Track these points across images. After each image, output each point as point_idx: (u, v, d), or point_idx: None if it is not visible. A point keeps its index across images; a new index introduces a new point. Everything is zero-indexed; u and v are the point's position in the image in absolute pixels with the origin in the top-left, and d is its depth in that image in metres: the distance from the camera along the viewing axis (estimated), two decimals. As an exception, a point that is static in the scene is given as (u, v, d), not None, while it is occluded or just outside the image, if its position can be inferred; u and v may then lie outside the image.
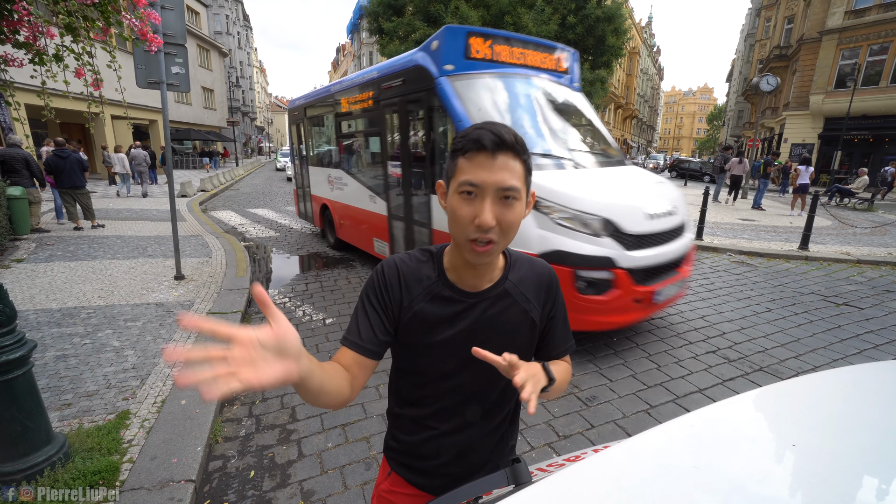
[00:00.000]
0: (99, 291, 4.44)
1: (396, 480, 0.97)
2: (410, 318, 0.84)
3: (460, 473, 0.93)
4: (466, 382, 0.88)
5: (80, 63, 2.51)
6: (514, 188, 0.73)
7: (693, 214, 10.15)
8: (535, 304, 0.90)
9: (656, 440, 0.74)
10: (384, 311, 0.84)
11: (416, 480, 0.95)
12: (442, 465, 0.93)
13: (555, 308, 0.93)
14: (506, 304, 0.87)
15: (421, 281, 0.85)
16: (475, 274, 0.84)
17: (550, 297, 0.92)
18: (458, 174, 0.74)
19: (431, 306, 0.84)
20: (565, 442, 2.46)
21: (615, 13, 13.99)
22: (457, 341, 0.84)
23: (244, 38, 44.46)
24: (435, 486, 0.94)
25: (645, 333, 3.91)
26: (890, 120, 18.42)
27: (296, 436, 2.50)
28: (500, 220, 0.73)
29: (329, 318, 4.17)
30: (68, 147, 7.58)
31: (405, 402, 0.94)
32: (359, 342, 0.82)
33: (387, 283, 0.85)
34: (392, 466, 0.98)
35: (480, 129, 0.73)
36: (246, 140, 43.32)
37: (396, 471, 0.97)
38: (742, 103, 40.34)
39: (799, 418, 0.80)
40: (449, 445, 0.92)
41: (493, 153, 0.71)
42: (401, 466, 0.96)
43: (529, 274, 0.91)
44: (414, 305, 0.84)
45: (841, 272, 5.97)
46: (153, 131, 21.74)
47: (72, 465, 1.99)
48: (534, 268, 0.92)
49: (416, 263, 0.87)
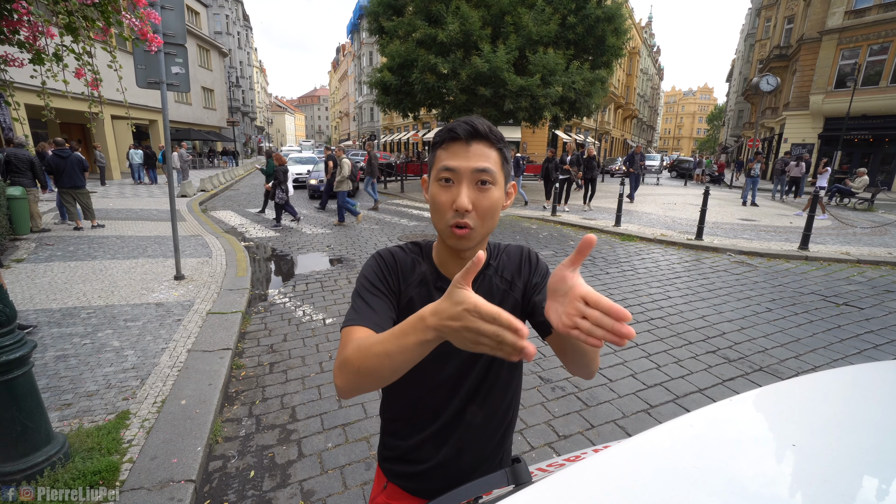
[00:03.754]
0: (99, 291, 4.44)
1: (393, 492, 0.96)
2: (405, 305, 0.87)
3: (457, 474, 0.92)
4: (457, 373, 0.88)
5: (80, 63, 2.51)
6: (489, 170, 0.76)
7: (693, 214, 10.21)
8: (518, 284, 0.91)
9: (656, 440, 0.74)
10: (389, 294, 0.85)
11: (412, 487, 0.94)
12: (438, 466, 0.92)
13: (536, 275, 0.91)
14: (489, 291, 0.89)
15: (414, 270, 0.88)
16: (462, 264, 0.85)
17: (529, 269, 0.92)
18: (437, 163, 0.79)
19: (423, 295, 0.87)
20: (565, 442, 2.46)
21: (615, 13, 13.98)
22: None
23: (244, 38, 44.45)
24: (432, 490, 0.93)
25: (645, 333, 3.91)
26: (890, 120, 18.41)
27: (296, 436, 2.50)
28: (476, 205, 0.76)
29: (329, 318, 4.17)
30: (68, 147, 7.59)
31: (399, 402, 0.94)
32: (378, 321, 0.77)
33: (388, 268, 0.87)
34: (388, 477, 0.97)
35: (456, 122, 0.78)
36: (246, 140, 43.31)
37: (392, 481, 0.96)
38: (742, 103, 40.35)
39: (799, 418, 0.80)
40: (444, 445, 0.91)
41: (467, 141, 0.76)
42: (396, 476, 0.95)
43: (508, 258, 0.93)
44: (409, 293, 0.87)
45: (841, 272, 5.97)
46: (153, 131, 21.72)
47: (72, 465, 1.99)
48: (509, 251, 0.95)
49: (409, 254, 0.91)
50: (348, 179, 9.02)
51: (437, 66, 12.64)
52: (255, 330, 3.93)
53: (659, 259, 6.61)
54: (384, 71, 14.62)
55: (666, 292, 5.04)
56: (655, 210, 11.68)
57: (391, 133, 43.12)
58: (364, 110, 49.73)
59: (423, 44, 13.35)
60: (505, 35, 12.96)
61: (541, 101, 12.88)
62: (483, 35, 12.63)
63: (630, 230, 8.48)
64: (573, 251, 0.54)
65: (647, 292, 5.03)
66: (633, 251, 7.12)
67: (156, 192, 13.73)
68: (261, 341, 3.70)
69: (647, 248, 7.33)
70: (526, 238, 8.08)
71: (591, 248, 0.52)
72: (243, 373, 3.19)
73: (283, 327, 3.98)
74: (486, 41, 12.61)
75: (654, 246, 7.55)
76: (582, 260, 0.54)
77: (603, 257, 6.66)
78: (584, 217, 10.15)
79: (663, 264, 6.31)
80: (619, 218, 8.87)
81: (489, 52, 12.27)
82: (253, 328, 3.96)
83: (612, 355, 3.48)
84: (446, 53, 13.06)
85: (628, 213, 10.37)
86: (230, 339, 3.48)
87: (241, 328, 3.80)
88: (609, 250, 7.14)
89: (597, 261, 6.42)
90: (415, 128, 36.61)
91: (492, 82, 12.79)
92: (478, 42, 12.67)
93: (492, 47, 12.52)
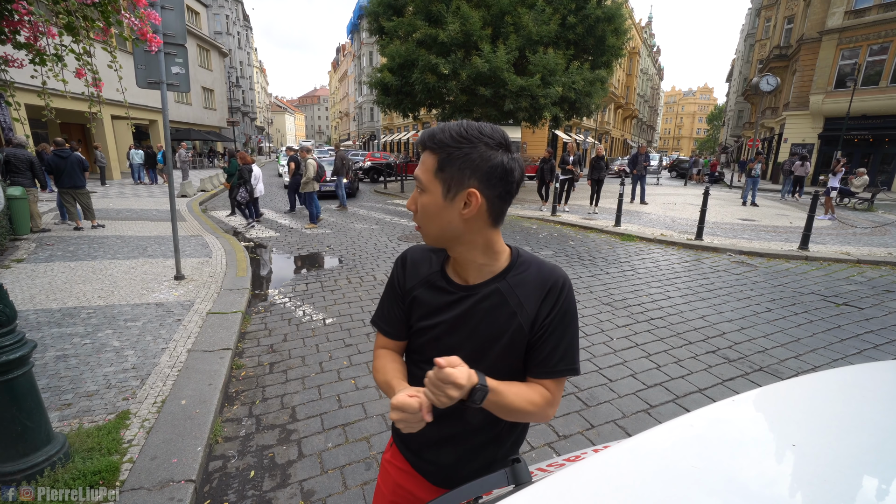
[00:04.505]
0: (99, 291, 4.44)
1: (396, 453, 1.05)
2: (411, 302, 0.95)
3: (448, 462, 0.97)
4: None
5: (80, 63, 2.51)
6: (418, 178, 0.83)
7: (693, 214, 10.21)
8: (529, 310, 0.85)
9: (656, 440, 0.74)
10: (397, 299, 0.98)
11: (409, 457, 1.02)
12: (432, 447, 0.97)
13: (551, 316, 0.85)
14: (494, 304, 0.86)
15: (423, 269, 0.96)
16: (472, 269, 0.89)
17: (548, 302, 0.85)
18: None
19: (427, 293, 0.93)
20: (565, 442, 2.46)
21: (615, 13, 13.97)
22: (442, 329, 0.91)
23: (244, 38, 44.43)
24: (423, 470, 1.00)
25: (645, 333, 3.91)
26: (890, 120, 18.41)
27: (296, 436, 2.50)
28: (417, 208, 0.85)
29: (329, 318, 4.17)
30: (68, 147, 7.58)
31: (409, 382, 0.98)
32: (385, 327, 0.99)
33: (399, 272, 0.99)
34: (395, 439, 1.07)
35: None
36: (246, 140, 43.28)
37: (397, 444, 1.05)
38: (742, 103, 40.34)
39: (799, 418, 0.80)
40: (439, 432, 0.92)
41: (421, 150, 0.85)
42: (399, 440, 1.04)
43: (533, 278, 0.87)
44: (415, 290, 0.95)
45: (841, 272, 5.97)
46: (153, 131, 21.73)
47: (72, 465, 1.98)
48: (541, 272, 0.87)
49: (427, 254, 0.98)
50: (314, 181, 8.86)
51: (438, 66, 12.62)
52: (255, 330, 3.93)
53: (659, 259, 6.61)
54: (384, 71, 14.61)
55: (666, 292, 5.04)
56: (655, 210, 11.68)
57: (391, 133, 43.10)
58: (364, 110, 49.71)
59: (424, 44, 13.34)
60: (505, 35, 12.95)
61: (541, 101, 12.86)
62: (483, 35, 12.62)
63: (630, 230, 8.47)
64: None
65: (647, 292, 5.03)
66: (633, 251, 7.12)
67: (156, 192, 13.73)
68: (261, 341, 3.70)
69: (647, 248, 7.33)
70: (526, 238, 8.08)
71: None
72: (243, 373, 3.19)
73: (283, 327, 3.98)
74: (486, 41, 12.60)
75: (654, 246, 7.55)
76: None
77: (603, 257, 6.66)
78: (584, 217, 10.15)
79: (663, 264, 6.31)
80: (619, 218, 8.87)
81: (489, 53, 12.26)
82: (253, 328, 3.96)
83: (612, 355, 3.48)
84: (446, 54, 13.05)
85: (628, 213, 10.37)
86: (230, 339, 3.48)
87: (241, 328, 3.80)
88: (609, 250, 7.14)
89: (597, 261, 6.42)
90: (415, 128, 36.60)
91: (492, 82, 12.79)
92: (478, 42, 12.66)
93: (492, 47, 12.51)
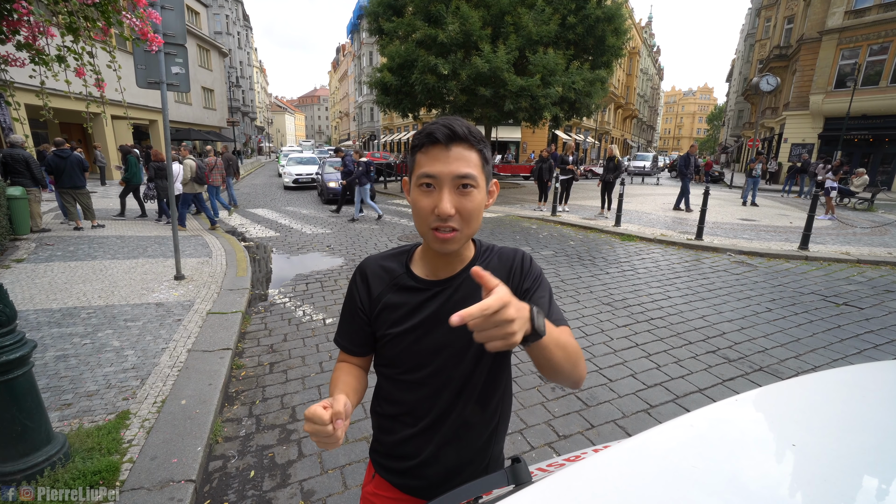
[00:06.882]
0: (99, 291, 4.44)
1: (380, 483, 0.98)
2: (380, 311, 0.89)
3: (441, 474, 0.91)
4: (438, 371, 0.87)
5: (80, 63, 2.51)
6: (470, 175, 0.75)
7: (693, 214, 10.21)
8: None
9: (656, 440, 0.74)
10: (357, 313, 0.92)
11: (398, 482, 0.95)
12: (422, 464, 0.91)
13: (525, 281, 0.88)
14: (470, 290, 0.86)
15: (386, 275, 0.91)
16: (443, 263, 0.87)
17: (521, 274, 0.89)
18: (417, 168, 0.78)
19: (396, 297, 0.88)
20: (565, 442, 2.46)
21: (615, 13, 13.97)
22: (423, 328, 0.86)
23: (244, 38, 44.44)
24: (416, 488, 0.93)
25: (645, 333, 3.91)
26: (890, 120, 18.41)
27: (296, 436, 2.50)
28: (459, 209, 0.76)
29: (329, 318, 4.17)
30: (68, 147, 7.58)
31: (384, 399, 0.95)
32: (348, 346, 0.95)
33: (356, 287, 0.93)
34: (376, 469, 0.99)
35: (434, 125, 0.77)
36: (246, 140, 43.28)
37: (380, 474, 0.98)
38: (742, 103, 40.35)
39: (799, 418, 0.80)
40: (428, 443, 0.90)
41: (447, 145, 0.75)
42: (383, 469, 0.97)
43: (497, 261, 0.91)
44: (382, 298, 0.89)
45: (841, 272, 5.97)
46: (153, 131, 21.71)
47: (72, 465, 1.99)
48: (502, 254, 0.92)
49: (384, 260, 0.93)
50: (192, 182, 8.36)
51: (438, 66, 12.63)
52: (255, 330, 3.93)
53: (659, 259, 6.61)
54: (384, 71, 14.62)
55: (666, 292, 5.04)
56: (655, 210, 11.68)
57: (391, 133, 43.12)
58: (364, 110, 49.73)
59: (423, 44, 13.34)
60: (505, 35, 12.95)
61: (541, 102, 12.86)
62: (483, 35, 12.62)
63: (630, 230, 8.48)
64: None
65: (647, 292, 5.03)
66: (633, 251, 7.12)
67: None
68: (261, 341, 3.70)
69: (647, 248, 7.33)
70: (526, 238, 8.08)
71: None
72: (243, 373, 3.19)
73: (283, 327, 3.98)
74: (486, 41, 12.61)
75: (654, 246, 7.55)
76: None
77: (603, 257, 6.66)
78: (585, 217, 10.15)
79: (663, 264, 6.31)
80: (619, 218, 8.87)
81: (489, 53, 12.26)
82: (253, 328, 3.96)
83: (612, 355, 3.48)
84: (446, 54, 13.05)
85: (628, 214, 10.37)
86: (230, 339, 3.48)
87: (241, 328, 3.81)
88: (609, 250, 7.14)
89: (597, 261, 6.42)
90: (415, 128, 36.64)
91: (492, 82, 12.79)
92: (478, 42, 12.66)
93: (492, 47, 12.51)
